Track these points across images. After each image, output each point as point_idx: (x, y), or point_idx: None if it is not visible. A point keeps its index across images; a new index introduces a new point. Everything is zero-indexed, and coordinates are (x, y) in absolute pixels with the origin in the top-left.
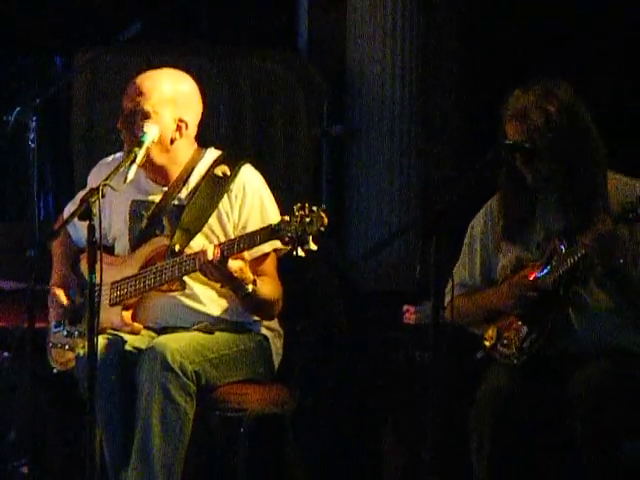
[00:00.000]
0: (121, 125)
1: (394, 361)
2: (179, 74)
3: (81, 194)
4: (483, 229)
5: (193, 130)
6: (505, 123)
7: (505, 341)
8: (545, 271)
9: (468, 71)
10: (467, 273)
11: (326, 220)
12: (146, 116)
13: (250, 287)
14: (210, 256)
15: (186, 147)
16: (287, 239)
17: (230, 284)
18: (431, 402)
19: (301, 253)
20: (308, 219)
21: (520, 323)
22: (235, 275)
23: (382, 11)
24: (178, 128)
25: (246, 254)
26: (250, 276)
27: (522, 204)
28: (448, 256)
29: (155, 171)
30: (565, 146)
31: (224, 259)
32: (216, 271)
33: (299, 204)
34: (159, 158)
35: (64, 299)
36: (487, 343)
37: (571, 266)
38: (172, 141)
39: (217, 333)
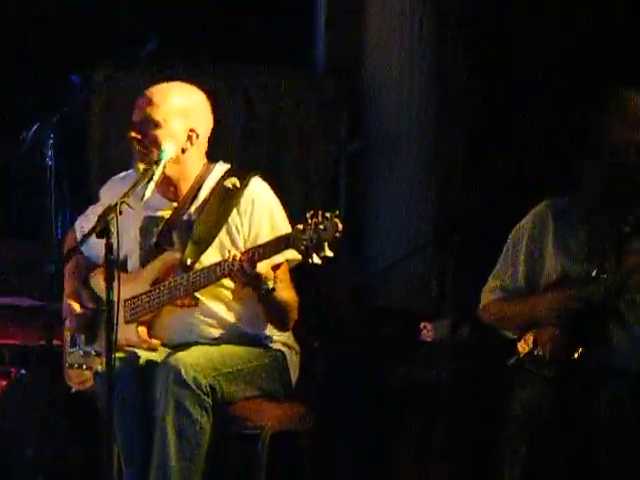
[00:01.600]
0: (133, 136)
1: (411, 378)
2: (189, 86)
3: (92, 209)
4: (530, 234)
5: (204, 142)
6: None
7: (541, 351)
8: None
9: (486, 86)
10: (509, 277)
11: (340, 226)
12: (157, 125)
13: (272, 283)
14: (237, 264)
15: (197, 160)
16: (302, 247)
17: (253, 283)
18: (447, 418)
19: (317, 260)
20: (322, 226)
21: (559, 334)
22: (260, 274)
23: (399, 27)
24: (189, 138)
25: None
26: (272, 274)
27: (576, 216)
28: (465, 273)
29: (165, 185)
30: None
31: (253, 265)
32: (244, 276)
33: (312, 211)
34: (170, 169)
35: (77, 307)
36: (522, 349)
37: (616, 283)
38: (183, 151)
39: (232, 348)
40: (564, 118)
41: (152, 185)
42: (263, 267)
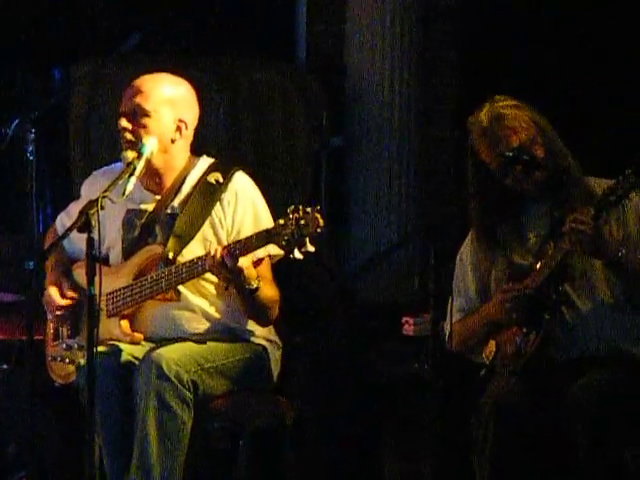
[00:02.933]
0: (123, 125)
1: (394, 373)
2: (177, 77)
3: (74, 205)
4: (471, 251)
5: (191, 134)
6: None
7: (504, 351)
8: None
9: (466, 82)
10: (463, 299)
11: (322, 221)
12: (147, 115)
13: (255, 283)
14: (218, 258)
15: (182, 152)
16: (284, 242)
17: (237, 281)
18: (430, 414)
19: (299, 255)
20: (303, 221)
21: (517, 329)
22: (244, 272)
23: (381, 22)
24: (178, 128)
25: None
26: (254, 273)
27: (509, 224)
28: (447, 267)
29: (150, 177)
30: (554, 155)
31: (234, 259)
32: (225, 270)
33: (292, 206)
34: (157, 160)
35: (58, 298)
36: (487, 358)
37: (557, 263)
38: (172, 141)
39: (214, 343)
40: (551, 117)
41: (134, 179)
42: (245, 264)
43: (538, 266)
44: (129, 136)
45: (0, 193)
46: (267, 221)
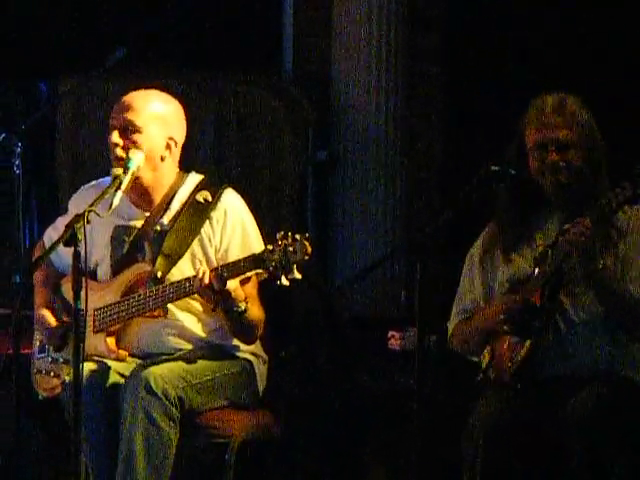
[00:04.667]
0: (114, 141)
1: (379, 387)
2: (166, 95)
3: (61, 220)
4: (481, 253)
5: (179, 151)
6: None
7: (499, 359)
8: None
9: (452, 96)
10: (469, 300)
11: (310, 249)
12: (137, 131)
13: (243, 305)
14: (206, 281)
15: (171, 169)
16: (271, 268)
17: (225, 304)
18: (415, 428)
19: (285, 282)
20: (291, 248)
21: (511, 338)
22: (232, 295)
23: (367, 37)
24: (167, 146)
25: None
26: (242, 294)
27: (523, 222)
28: (433, 282)
29: (139, 194)
30: (589, 172)
31: (222, 282)
32: (213, 293)
33: (282, 232)
34: (147, 177)
35: (52, 320)
36: (483, 364)
37: (553, 271)
38: (162, 159)
39: (200, 359)
40: None
41: (120, 194)
42: (233, 286)
43: (535, 273)
44: (120, 152)
45: None
46: (256, 239)
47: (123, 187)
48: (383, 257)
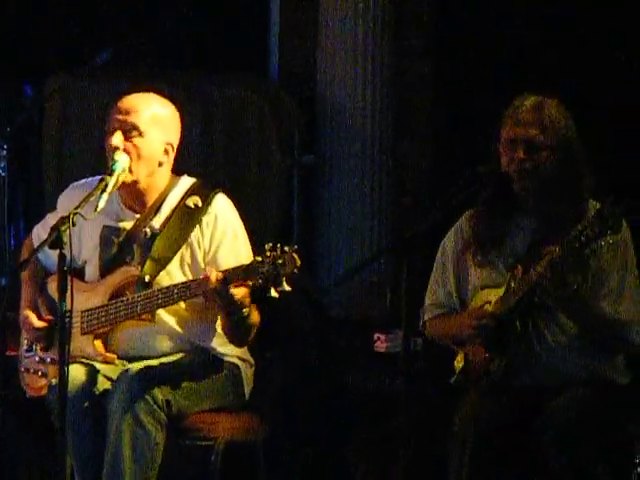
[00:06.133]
0: (114, 144)
1: (365, 388)
2: (164, 99)
3: (50, 216)
4: (454, 248)
5: (174, 156)
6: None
7: (472, 366)
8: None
9: (440, 97)
10: (442, 293)
11: (299, 262)
12: (140, 134)
13: (246, 311)
14: (214, 283)
15: (166, 173)
16: (260, 280)
17: (228, 308)
18: (402, 429)
19: (274, 294)
20: (280, 260)
21: (486, 350)
22: (238, 301)
23: (353, 38)
24: (166, 151)
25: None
26: (249, 301)
27: (494, 226)
28: (419, 283)
29: (132, 196)
30: (565, 175)
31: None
32: (219, 297)
33: (270, 244)
34: (142, 181)
35: (35, 321)
36: (457, 367)
37: (524, 294)
38: (160, 164)
39: (187, 363)
40: None
41: (105, 196)
42: (242, 293)
43: (506, 290)
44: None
45: None
46: (244, 245)
47: (108, 189)
48: (369, 258)
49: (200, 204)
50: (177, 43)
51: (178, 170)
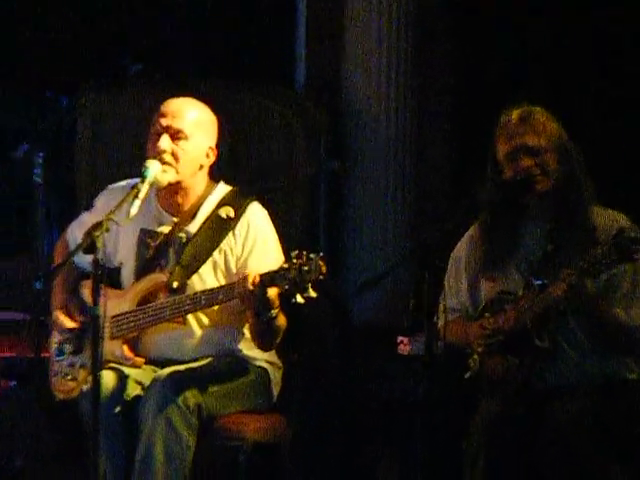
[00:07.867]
0: (162, 148)
1: (388, 392)
2: (203, 104)
3: (86, 215)
4: (467, 256)
5: (213, 160)
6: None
7: (488, 369)
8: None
9: (463, 105)
10: (455, 299)
11: (324, 269)
12: (185, 138)
13: (275, 312)
14: (250, 286)
15: (204, 178)
16: (286, 287)
17: (259, 308)
18: (424, 431)
19: (300, 300)
20: (306, 267)
21: (503, 359)
22: (269, 299)
23: (378, 47)
24: (207, 155)
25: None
26: (277, 302)
27: (505, 233)
28: (441, 289)
29: (170, 199)
30: (566, 176)
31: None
32: (255, 299)
33: (296, 251)
34: (187, 180)
35: (67, 321)
36: (471, 366)
37: (538, 314)
38: (201, 167)
39: (218, 366)
40: None
41: (137, 202)
42: (274, 293)
43: (521, 304)
44: (168, 158)
45: (9, 216)
46: (275, 252)
47: (141, 196)
48: (394, 264)
49: (233, 215)
50: (205, 54)
51: (220, 179)
